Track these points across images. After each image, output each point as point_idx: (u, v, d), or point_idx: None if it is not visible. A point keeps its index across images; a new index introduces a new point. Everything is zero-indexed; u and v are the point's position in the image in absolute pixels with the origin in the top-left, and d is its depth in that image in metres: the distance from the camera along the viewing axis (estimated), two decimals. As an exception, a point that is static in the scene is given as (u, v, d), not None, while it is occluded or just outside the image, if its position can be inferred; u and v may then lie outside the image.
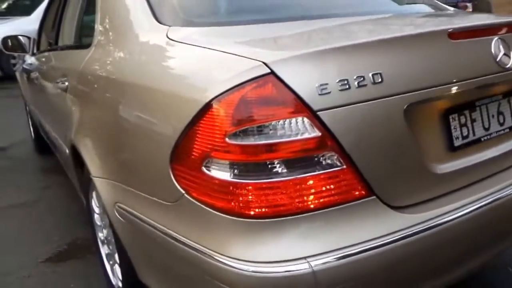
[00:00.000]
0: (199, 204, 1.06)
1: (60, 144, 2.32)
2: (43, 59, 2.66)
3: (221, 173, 1.01)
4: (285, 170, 0.98)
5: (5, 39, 3.23)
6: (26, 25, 8.10)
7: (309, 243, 0.98)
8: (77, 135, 1.68)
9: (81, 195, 2.25)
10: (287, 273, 0.95)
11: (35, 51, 3.20)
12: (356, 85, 0.99)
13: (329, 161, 0.99)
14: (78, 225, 2.65)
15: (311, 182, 0.99)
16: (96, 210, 1.89)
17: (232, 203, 1.00)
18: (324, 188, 0.99)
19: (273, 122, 0.97)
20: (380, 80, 1.02)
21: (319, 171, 0.99)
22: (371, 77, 1.01)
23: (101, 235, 1.97)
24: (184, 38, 1.27)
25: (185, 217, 1.12)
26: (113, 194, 1.44)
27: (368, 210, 1.03)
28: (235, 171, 0.99)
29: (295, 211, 0.99)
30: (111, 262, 1.85)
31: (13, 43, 3.24)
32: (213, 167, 1.02)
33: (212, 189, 1.03)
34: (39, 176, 3.58)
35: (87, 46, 1.77)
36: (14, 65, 8.36)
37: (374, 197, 1.04)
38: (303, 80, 0.98)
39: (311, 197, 0.99)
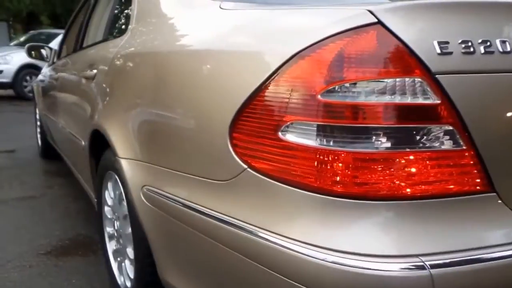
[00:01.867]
0: (267, 179, 0.70)
1: (72, 140, 1.88)
2: (65, 62, 2.23)
3: (305, 139, 0.66)
4: (389, 141, 0.63)
5: (29, 47, 2.81)
6: (42, 54, 7.62)
7: (419, 238, 0.62)
8: (103, 119, 1.28)
9: (89, 190, 1.80)
10: (387, 273, 0.59)
11: (55, 60, 2.78)
12: (482, 51, 0.66)
13: (446, 138, 0.65)
14: (79, 222, 2.17)
15: (421, 160, 0.64)
16: (109, 201, 1.46)
17: (316, 176, 0.65)
18: (436, 170, 0.64)
19: (379, 81, 0.63)
20: (510, 49, 0.69)
21: (432, 147, 0.64)
22: (499, 45, 0.67)
23: (109, 229, 1.53)
24: (245, 6, 0.94)
25: (244, 197, 0.74)
26: (141, 176, 1.04)
27: (485, 209, 0.67)
28: (325, 136, 0.64)
29: (399, 195, 0.64)
30: (119, 259, 1.41)
31: (36, 52, 2.81)
32: (295, 131, 0.66)
33: (289, 160, 0.67)
34: (43, 176, 3.05)
35: (119, 35, 1.41)
36: (26, 87, 7.83)
37: (494, 194, 0.68)
38: (419, 34, 0.65)
39: (420, 179, 0.64)
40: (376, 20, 0.64)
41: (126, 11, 1.64)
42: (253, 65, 0.73)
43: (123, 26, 1.49)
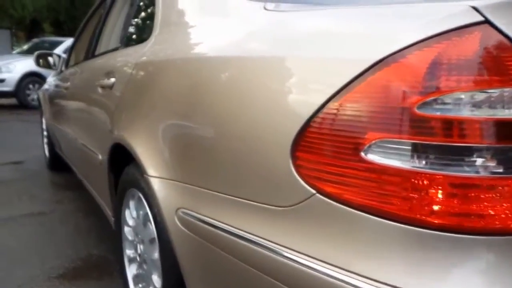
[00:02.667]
0: (343, 206, 0.61)
1: (86, 153, 1.80)
2: (76, 71, 2.15)
3: (394, 160, 0.56)
4: (501, 164, 0.54)
5: (38, 55, 2.76)
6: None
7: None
8: (127, 132, 1.19)
9: (105, 206, 1.72)
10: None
11: (63, 69, 2.72)
12: None
13: None
14: (91, 241, 2.08)
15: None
16: (130, 222, 1.38)
17: (408, 204, 0.55)
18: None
19: (488, 91, 0.54)
20: None
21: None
22: None
23: (129, 252, 1.44)
24: (297, 7, 0.86)
25: (310, 227, 0.65)
26: (176, 198, 0.95)
27: None
28: (421, 157, 0.55)
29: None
30: (140, 286, 1.31)
31: (44, 60, 2.76)
32: (381, 151, 0.57)
33: (373, 184, 0.58)
34: (52, 190, 2.98)
35: (140, 42, 1.33)
36: (29, 95, 7.83)
37: None
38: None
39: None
40: (482, 19, 0.54)
41: (146, 16, 1.58)
42: (323, 73, 0.64)
43: (144, 33, 1.42)
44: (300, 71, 0.67)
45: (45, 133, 3.57)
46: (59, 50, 7.97)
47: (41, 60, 2.75)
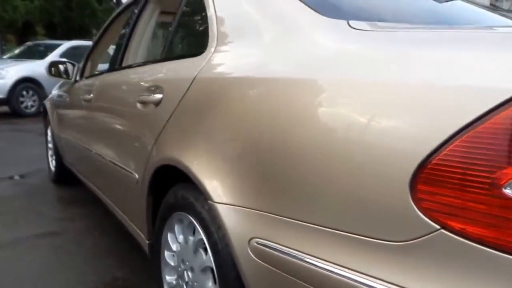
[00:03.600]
0: (475, 244, 0.58)
1: (116, 171, 1.76)
2: (101, 81, 2.11)
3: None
4: None
5: (52, 64, 2.74)
6: (38, 67, 7.62)
7: None
8: (184, 153, 1.15)
9: (135, 228, 1.68)
10: None
11: (77, 78, 2.69)
12: None
13: None
14: (113, 262, 2.03)
15: None
16: (173, 247, 1.34)
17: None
18: None
19: None
20: None
21: None
22: None
23: (170, 278, 1.40)
24: (394, 26, 0.84)
25: (432, 264, 0.63)
26: (249, 227, 0.92)
27: None
28: None
29: None
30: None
31: (55, 68, 2.73)
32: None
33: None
34: (59, 207, 2.92)
35: (194, 55, 1.30)
36: (22, 102, 7.77)
37: None
38: None
39: None
40: None
41: (195, 27, 1.55)
42: (454, 102, 0.62)
43: (196, 45, 1.39)
44: (426, 98, 0.65)
45: (50, 145, 3.52)
46: (55, 54, 7.95)
47: (53, 69, 2.72)
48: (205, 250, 1.15)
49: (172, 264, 1.37)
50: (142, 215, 1.55)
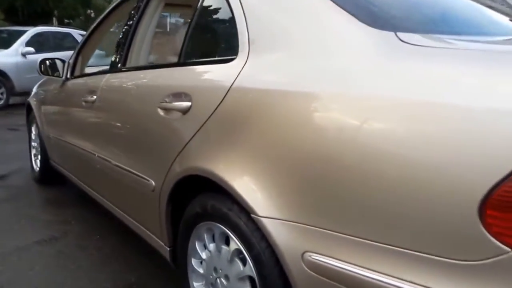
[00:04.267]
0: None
1: (126, 176, 1.74)
2: (105, 82, 2.04)
3: None
4: None
5: (43, 61, 2.64)
6: (4, 57, 7.26)
7: None
8: (219, 164, 1.17)
9: (150, 235, 1.69)
10: None
11: (68, 75, 2.61)
12: None
13: None
14: (123, 267, 2.04)
15: None
16: (203, 255, 1.37)
17: None
18: None
19: None
20: None
21: None
22: None
23: (198, 284, 1.44)
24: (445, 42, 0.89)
25: (501, 283, 0.69)
26: (301, 241, 0.97)
27: None
28: None
29: None
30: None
31: (46, 67, 2.65)
32: None
33: None
34: (51, 209, 2.86)
35: (224, 61, 1.29)
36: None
37: None
38: None
39: None
40: None
41: (219, 30, 1.53)
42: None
43: (225, 49, 1.38)
44: (495, 126, 0.70)
45: (34, 143, 3.41)
46: (21, 42, 7.57)
47: (42, 66, 2.62)
48: (242, 259, 1.19)
49: (201, 271, 1.40)
50: (161, 223, 1.56)
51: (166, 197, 1.47)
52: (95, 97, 2.07)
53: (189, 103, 1.34)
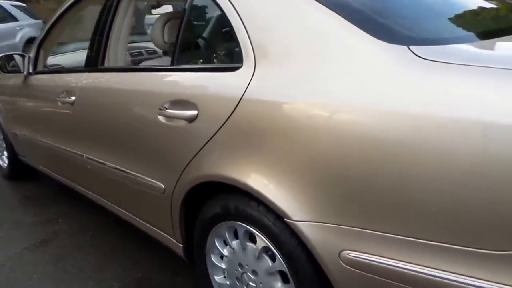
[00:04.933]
0: None
1: (127, 178, 1.74)
2: (92, 83, 1.95)
3: None
4: None
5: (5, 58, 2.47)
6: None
7: None
8: (243, 172, 1.21)
9: (159, 232, 1.72)
10: None
11: (31, 70, 2.46)
12: None
13: None
14: (129, 263, 2.06)
15: None
16: (224, 251, 1.44)
17: None
18: None
19: None
20: None
21: None
22: None
23: (219, 278, 1.52)
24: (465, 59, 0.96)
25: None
26: (337, 241, 1.05)
27: None
28: None
29: None
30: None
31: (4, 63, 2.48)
32: None
33: None
34: (33, 209, 2.77)
35: (228, 68, 1.31)
36: None
37: None
38: None
39: None
40: None
41: (216, 36, 1.50)
42: None
43: (226, 56, 1.38)
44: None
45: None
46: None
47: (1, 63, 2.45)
48: (271, 256, 1.28)
49: (224, 266, 1.47)
50: (174, 222, 1.60)
51: (180, 200, 1.50)
52: (73, 98, 1.99)
53: (194, 112, 1.36)
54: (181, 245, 1.64)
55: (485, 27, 1.32)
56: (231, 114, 1.24)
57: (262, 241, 1.28)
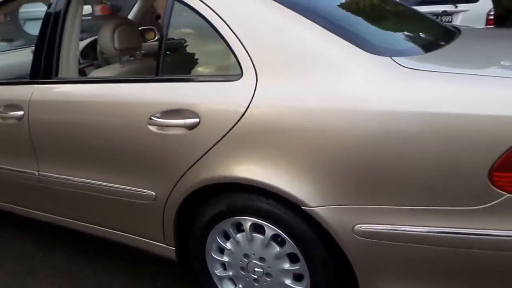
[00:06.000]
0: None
1: (113, 192, 1.75)
2: (52, 97, 1.86)
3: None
4: None
5: None
6: None
7: None
8: (256, 170, 1.38)
9: (149, 241, 1.77)
10: None
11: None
12: None
13: None
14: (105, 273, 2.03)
15: None
16: (228, 246, 1.58)
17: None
18: None
19: None
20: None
21: None
22: None
23: (220, 271, 1.66)
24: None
25: (503, 216, 1.16)
26: (350, 218, 1.29)
27: None
28: None
29: None
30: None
31: None
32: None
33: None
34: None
35: (227, 78, 1.46)
36: None
37: None
38: None
39: None
40: None
41: (201, 41, 1.55)
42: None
43: (221, 66, 1.51)
44: (477, 126, 1.13)
45: None
46: None
47: None
48: (279, 242, 1.47)
49: (226, 259, 1.61)
50: (165, 227, 1.67)
51: (176, 204, 1.59)
52: (21, 112, 1.87)
53: (195, 120, 1.47)
54: (173, 248, 1.72)
55: (426, 38, 1.69)
56: (239, 119, 1.39)
57: (271, 230, 1.47)
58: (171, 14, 1.58)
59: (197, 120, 1.47)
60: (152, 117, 1.54)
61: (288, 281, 1.50)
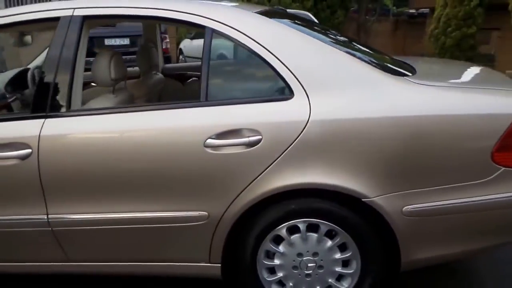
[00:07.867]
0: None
1: (157, 220, 1.77)
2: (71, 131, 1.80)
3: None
4: None
5: None
6: None
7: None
8: (323, 174, 1.66)
9: (191, 264, 1.84)
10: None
11: None
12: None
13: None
14: None
15: None
16: (281, 249, 1.77)
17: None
18: None
19: None
20: None
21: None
22: None
23: (269, 276, 1.84)
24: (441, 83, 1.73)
25: (503, 183, 1.66)
26: (400, 203, 1.67)
27: None
28: None
29: None
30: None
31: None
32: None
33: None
34: None
35: (279, 98, 1.71)
36: None
37: None
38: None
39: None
40: None
41: (248, 70, 1.68)
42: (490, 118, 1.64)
43: (270, 89, 1.74)
44: (475, 123, 1.64)
45: None
46: None
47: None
48: (331, 236, 1.74)
49: (278, 262, 1.82)
50: (214, 246, 1.78)
51: (232, 220, 1.73)
52: (27, 150, 1.71)
53: (258, 137, 1.67)
54: (219, 265, 1.81)
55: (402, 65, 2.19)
56: (301, 132, 1.65)
57: (325, 226, 1.75)
58: (210, 43, 1.73)
59: (260, 137, 1.67)
60: (209, 139, 1.67)
61: (338, 268, 1.79)
